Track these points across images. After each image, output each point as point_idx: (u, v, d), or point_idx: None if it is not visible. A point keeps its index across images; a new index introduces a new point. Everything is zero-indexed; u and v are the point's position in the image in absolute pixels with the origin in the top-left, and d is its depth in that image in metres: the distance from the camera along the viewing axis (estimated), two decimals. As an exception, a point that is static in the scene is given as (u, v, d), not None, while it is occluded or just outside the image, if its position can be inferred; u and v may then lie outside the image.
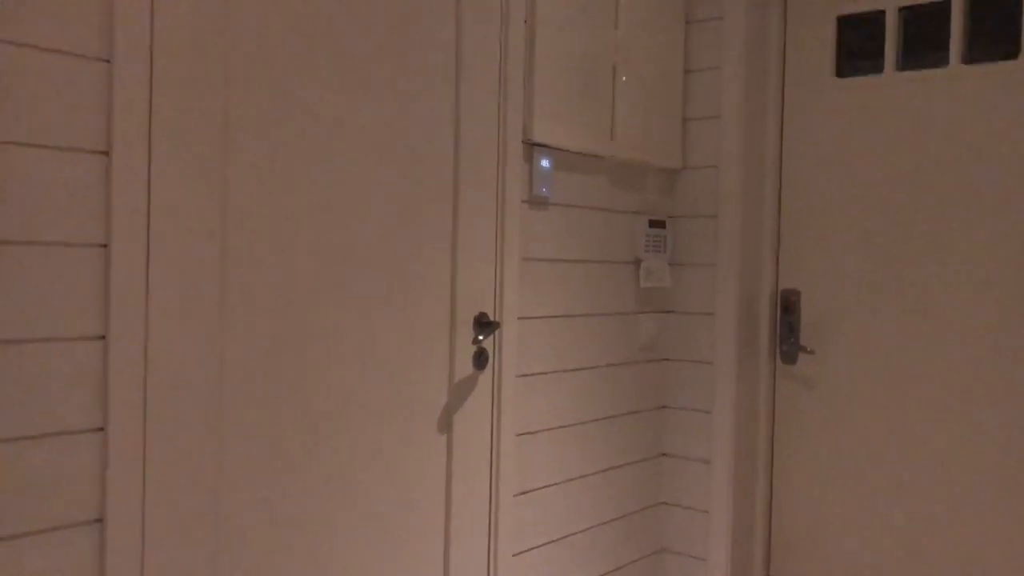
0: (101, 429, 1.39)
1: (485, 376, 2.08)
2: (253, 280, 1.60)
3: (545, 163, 2.22)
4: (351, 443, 1.78)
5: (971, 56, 2.42)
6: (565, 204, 2.32)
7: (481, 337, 2.00)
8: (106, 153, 1.39)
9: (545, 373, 2.27)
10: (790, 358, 2.67)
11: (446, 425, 1.99)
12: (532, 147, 2.20)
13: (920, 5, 2.49)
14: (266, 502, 1.63)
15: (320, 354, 1.72)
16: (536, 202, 2.22)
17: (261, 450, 1.62)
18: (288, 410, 1.67)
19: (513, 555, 2.18)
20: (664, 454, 2.73)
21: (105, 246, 1.40)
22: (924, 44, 2.50)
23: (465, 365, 2.03)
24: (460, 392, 2.02)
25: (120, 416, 1.40)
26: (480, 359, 2.05)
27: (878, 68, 2.56)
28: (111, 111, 1.39)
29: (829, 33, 2.63)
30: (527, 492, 2.22)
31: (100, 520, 1.40)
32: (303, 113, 1.67)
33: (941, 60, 2.46)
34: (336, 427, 1.75)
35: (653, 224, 2.61)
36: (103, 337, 1.40)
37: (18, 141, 1.30)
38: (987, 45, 2.40)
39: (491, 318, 2.09)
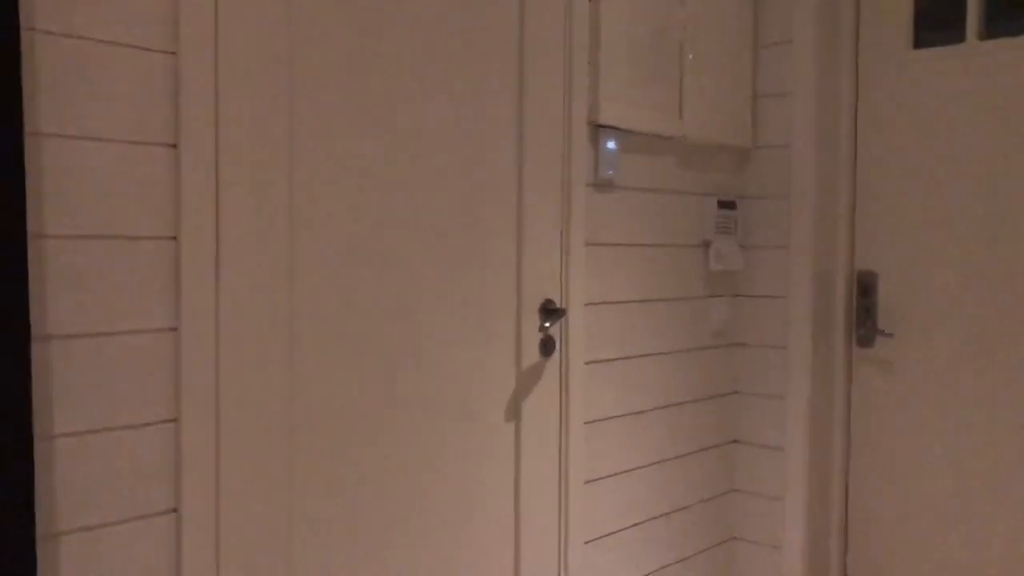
0: (175, 420, 1.41)
1: (552, 363, 2.05)
2: (322, 271, 1.60)
3: (611, 145, 2.17)
4: (420, 432, 1.77)
5: (1061, 22, 2.29)
6: (632, 187, 2.27)
7: (547, 324, 1.97)
8: (174, 146, 1.40)
9: (613, 360, 2.23)
10: (867, 341, 2.59)
11: (514, 413, 1.97)
12: (598, 129, 2.15)
13: (1005, -30, 2.37)
14: (336, 491, 1.64)
15: (388, 343, 1.71)
16: (602, 185, 2.18)
17: (331, 440, 1.62)
18: (357, 400, 1.66)
19: (584, 542, 2.16)
20: (736, 441, 2.67)
21: (174, 238, 1.40)
22: (1009, 9, 2.37)
23: (532, 352, 2.00)
24: (527, 380, 1.99)
25: (193, 407, 1.41)
26: (547, 346, 2.02)
27: (959, 37, 2.44)
28: (178, 105, 1.39)
29: (906, 1, 2.52)
30: (597, 480, 2.19)
31: (175, 510, 1.41)
32: (368, 101, 1.66)
33: (1028, 27, 2.34)
34: (405, 416, 1.75)
35: (722, 205, 2.54)
36: (175, 329, 1.40)
37: (89, 136, 1.31)
38: (1079, 9, 2.27)
39: (557, 305, 2.06)
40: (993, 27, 2.40)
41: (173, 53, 1.39)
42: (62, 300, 1.29)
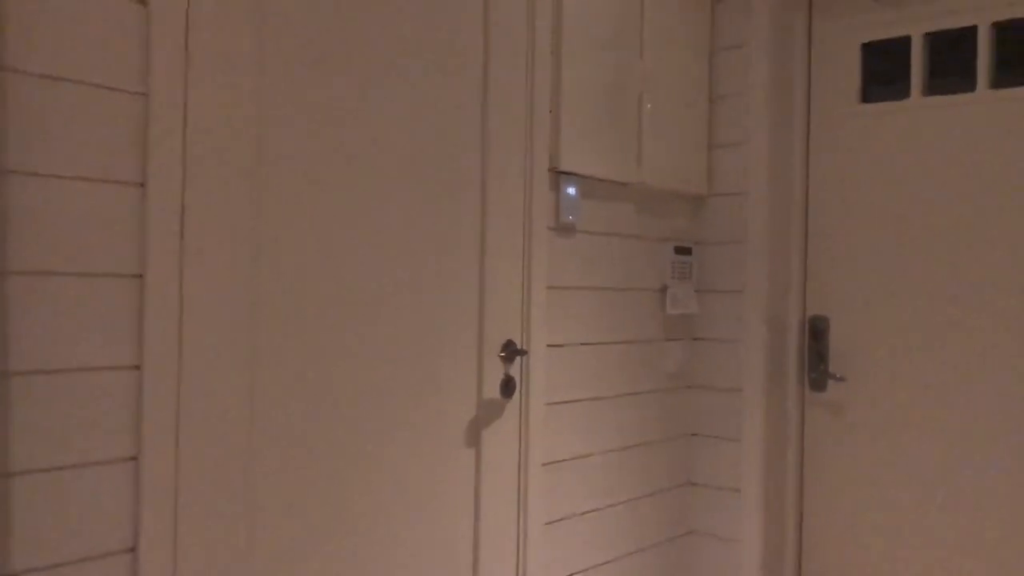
0: (134, 459, 1.40)
1: (512, 404, 2.08)
2: (286, 311, 1.61)
3: (571, 191, 2.23)
4: (380, 470, 1.78)
5: (999, 80, 2.41)
6: (591, 231, 2.32)
7: (508, 365, 2.00)
8: (142, 185, 1.41)
9: (573, 401, 2.26)
10: (819, 385, 2.65)
11: (475, 455, 1.98)
12: (559, 175, 2.20)
13: (946, 30, 2.49)
14: (298, 525, 1.63)
15: (350, 380, 1.72)
16: (563, 229, 2.23)
17: (293, 475, 1.63)
18: (319, 435, 1.67)
19: (542, 585, 2.16)
20: (692, 483, 2.70)
21: (140, 276, 1.41)
22: (951, 69, 2.50)
23: (493, 392, 2.02)
24: (488, 420, 2.01)
25: (154, 446, 1.41)
26: (507, 387, 2.04)
27: (904, 93, 2.56)
28: (147, 144, 1.41)
29: (854, 59, 2.63)
30: (555, 521, 2.21)
31: (133, 550, 1.40)
32: (335, 150, 1.69)
33: (968, 85, 2.45)
34: (365, 457, 1.75)
35: (679, 251, 2.60)
36: (138, 367, 1.41)
37: (56, 174, 1.32)
38: (1015, 69, 2.39)
39: (519, 345, 2.09)
40: (936, 84, 2.51)
41: (143, 94, 1.41)
42: (25, 336, 1.29)
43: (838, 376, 2.62)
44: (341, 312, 1.71)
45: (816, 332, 2.66)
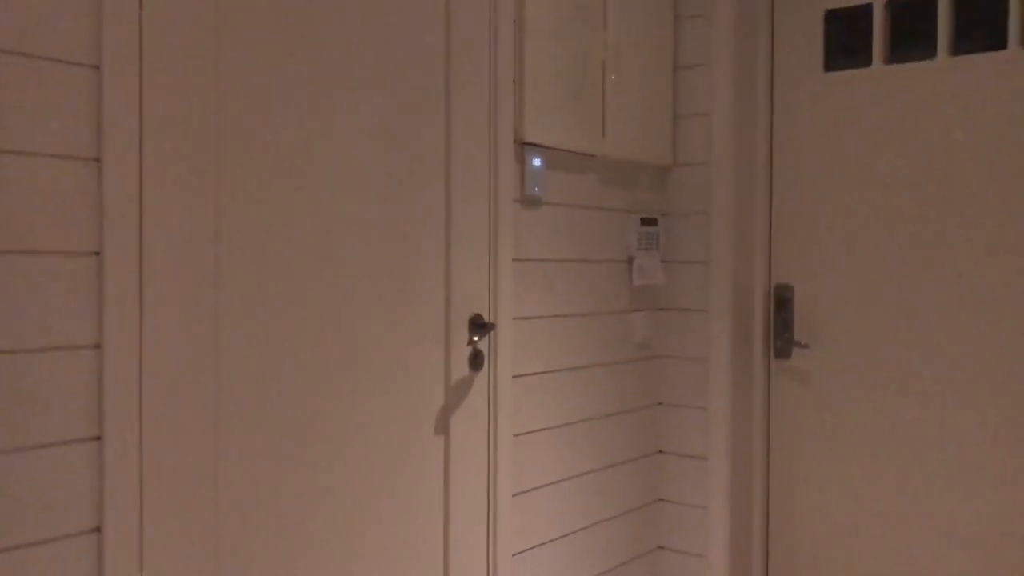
0: (98, 438, 1.39)
1: (481, 377, 2.08)
2: (247, 286, 1.60)
3: (537, 162, 2.22)
4: (348, 448, 1.78)
5: (958, 48, 2.43)
6: (557, 203, 2.32)
7: (476, 338, 2.00)
8: (98, 160, 1.39)
9: (541, 373, 2.27)
10: (784, 353, 2.68)
11: (443, 427, 1.98)
12: (523, 147, 2.19)
13: (906, -2, 2.51)
14: (264, 509, 1.63)
15: (316, 358, 1.71)
16: (528, 202, 2.22)
17: (258, 457, 1.62)
18: (285, 415, 1.66)
19: (513, 555, 2.18)
20: (661, 451, 2.73)
21: (98, 254, 1.39)
22: (911, 37, 2.51)
23: (461, 367, 2.02)
24: (456, 394, 2.02)
25: (116, 425, 1.40)
26: (476, 361, 2.05)
27: (866, 61, 2.57)
28: (101, 119, 1.38)
29: (817, 28, 2.64)
30: (525, 492, 2.22)
31: (98, 529, 1.39)
32: (295, 117, 1.67)
33: (928, 52, 2.47)
34: (333, 432, 1.75)
35: (645, 222, 2.61)
36: (98, 346, 1.39)
37: (9, 150, 1.29)
38: (974, 36, 2.41)
39: (486, 319, 2.09)
40: (897, 52, 2.53)
41: (96, 67, 1.38)
42: (-20, 316, 1.26)
43: (803, 343, 2.65)
44: (305, 288, 1.69)
45: (781, 300, 2.69)
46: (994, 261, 2.37)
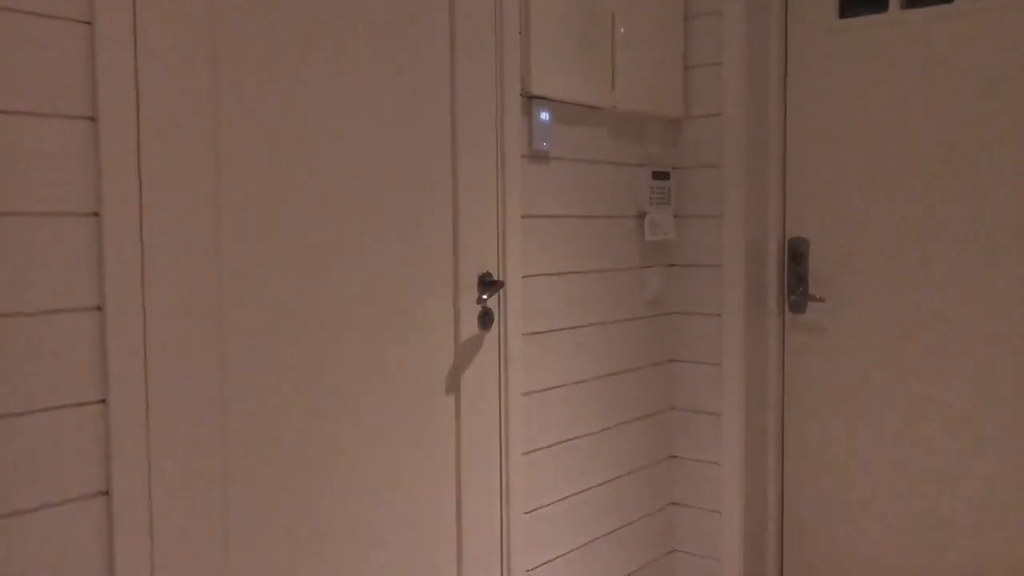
0: (103, 401, 1.37)
1: (491, 336, 2.05)
2: (251, 244, 1.57)
3: (544, 116, 2.17)
4: (358, 406, 1.76)
5: (979, -9, 2.35)
6: (566, 158, 2.27)
7: (485, 297, 1.97)
8: (93, 119, 1.35)
9: (551, 331, 2.24)
10: (799, 307, 2.64)
11: (454, 386, 1.96)
12: (531, 100, 2.15)
13: (925, -60, 2.42)
14: (273, 469, 1.62)
15: (323, 318, 1.69)
16: (536, 157, 2.18)
17: (266, 417, 1.60)
18: (292, 375, 1.64)
19: (525, 512, 2.17)
20: (674, 408, 2.71)
21: (97, 215, 1.36)
22: (930, -20, 2.43)
23: (470, 325, 2.00)
24: (466, 352, 1.99)
25: (121, 387, 1.38)
26: (485, 319, 2.02)
27: (882, 6, 2.49)
28: (95, 75, 1.35)
29: (832, -28, 2.56)
30: (536, 450, 2.21)
31: (107, 493, 1.38)
32: (296, 68, 1.62)
33: (948, -4, 2.39)
34: (343, 390, 1.73)
35: (657, 176, 2.56)
36: (100, 308, 1.37)
37: (4, 109, 1.26)
38: (995, -21, 2.33)
39: (495, 277, 2.06)
40: (915, -4, 2.46)
41: (88, 23, 1.34)
42: (-22, 280, 1.25)
43: (818, 297, 2.61)
44: (310, 248, 1.67)
45: (796, 254, 2.64)
46: (1016, 213, 2.31)
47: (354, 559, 1.76)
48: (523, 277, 2.15)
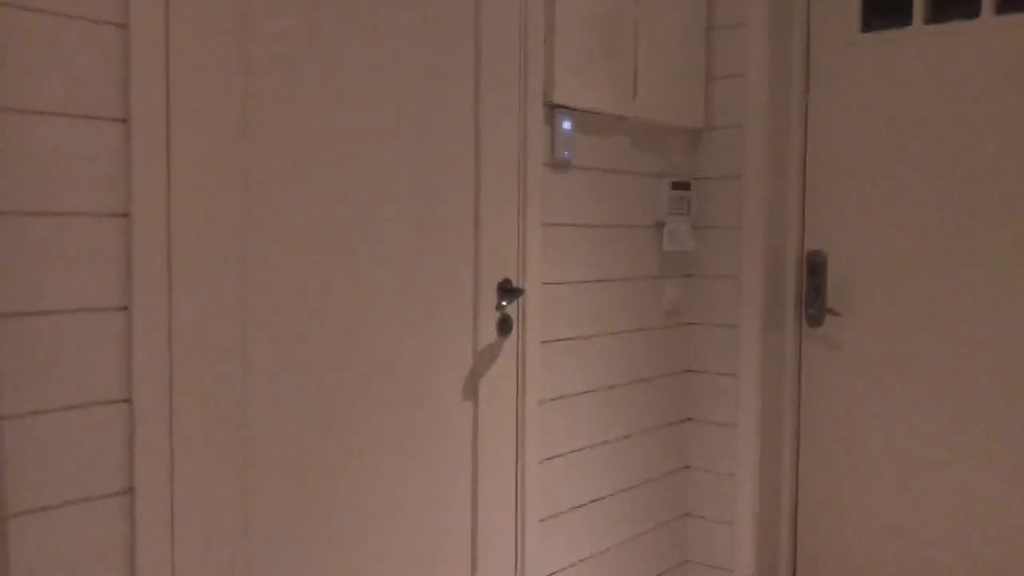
0: (128, 400, 1.39)
1: (509, 342, 2.06)
2: (276, 249, 1.58)
3: (566, 125, 2.18)
4: (377, 410, 1.77)
5: (1004, 6, 2.35)
6: (587, 167, 2.28)
7: (505, 303, 1.98)
8: (124, 121, 1.37)
9: (569, 339, 2.25)
10: (816, 320, 2.64)
11: (471, 391, 1.97)
12: (553, 109, 2.15)
13: (950, -45, 2.42)
14: (292, 470, 1.63)
15: (343, 322, 1.70)
16: (558, 165, 2.19)
17: (287, 421, 1.61)
18: (312, 378, 1.65)
19: (540, 520, 2.17)
20: (690, 419, 2.71)
21: (126, 215, 1.38)
22: (954, -5, 2.43)
23: (489, 332, 2.01)
24: (485, 359, 2.00)
25: (146, 387, 1.39)
26: (504, 325, 2.03)
27: (905, 21, 2.49)
28: (129, 77, 1.36)
29: (855, -14, 2.56)
30: (553, 458, 2.21)
31: (130, 491, 1.39)
32: (322, 77, 1.64)
33: (972, 11, 2.39)
34: (361, 395, 1.74)
35: (676, 186, 2.57)
36: (126, 308, 1.38)
37: (37, 110, 1.27)
38: (1020, -5, 2.33)
39: (514, 284, 2.07)
40: (939, 11, 2.45)
41: (123, 25, 1.36)
42: (9, 278, 1.26)
43: (836, 311, 2.61)
44: (331, 254, 1.68)
45: (814, 267, 2.64)
46: (1036, 227, 2.31)
47: (369, 561, 1.77)
48: (543, 284, 2.16)
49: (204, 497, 1.48)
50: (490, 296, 2.00)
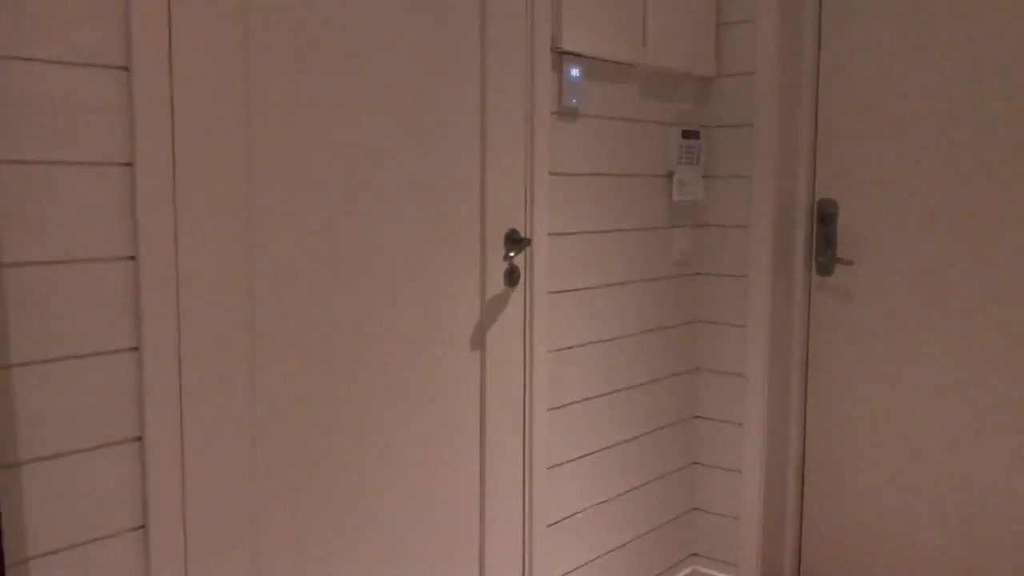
0: (136, 348, 1.39)
1: (517, 293, 2.06)
2: (281, 199, 1.58)
3: (575, 72, 2.15)
4: (385, 361, 1.78)
5: (1023, -52, 2.29)
6: (596, 115, 2.25)
7: (512, 254, 1.97)
8: (126, 69, 1.36)
9: (577, 290, 2.24)
10: (826, 270, 2.62)
11: (479, 342, 1.98)
12: (561, 56, 2.12)
13: None
14: (301, 416, 1.64)
15: (350, 271, 1.70)
16: (566, 113, 2.16)
17: (295, 366, 1.62)
18: (319, 327, 1.66)
19: (547, 468, 2.19)
20: (698, 368, 2.71)
21: (130, 165, 1.37)
22: (973, -64, 2.37)
23: (497, 282, 2.01)
24: (492, 309, 2.00)
25: (154, 335, 1.40)
26: (511, 276, 2.02)
27: (923, -36, 2.44)
28: (129, 24, 1.35)
29: (871, -72, 2.50)
30: (561, 407, 2.22)
31: (140, 438, 1.41)
32: (325, 20, 1.62)
33: (991, -47, 2.33)
34: (371, 345, 1.75)
35: (686, 135, 2.54)
36: (133, 257, 1.38)
37: (38, 58, 1.26)
38: (1041, -65, 2.27)
39: (522, 234, 2.06)
40: (956, -47, 2.39)
41: (122, -29, 1.34)
42: (13, 227, 1.26)
43: (846, 260, 2.59)
44: (338, 202, 1.67)
45: (824, 216, 2.62)
46: (1051, 175, 2.28)
47: (379, 508, 1.79)
48: (550, 235, 2.15)
49: (213, 445, 1.50)
50: (497, 247, 2.00)
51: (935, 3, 2.41)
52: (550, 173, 2.13)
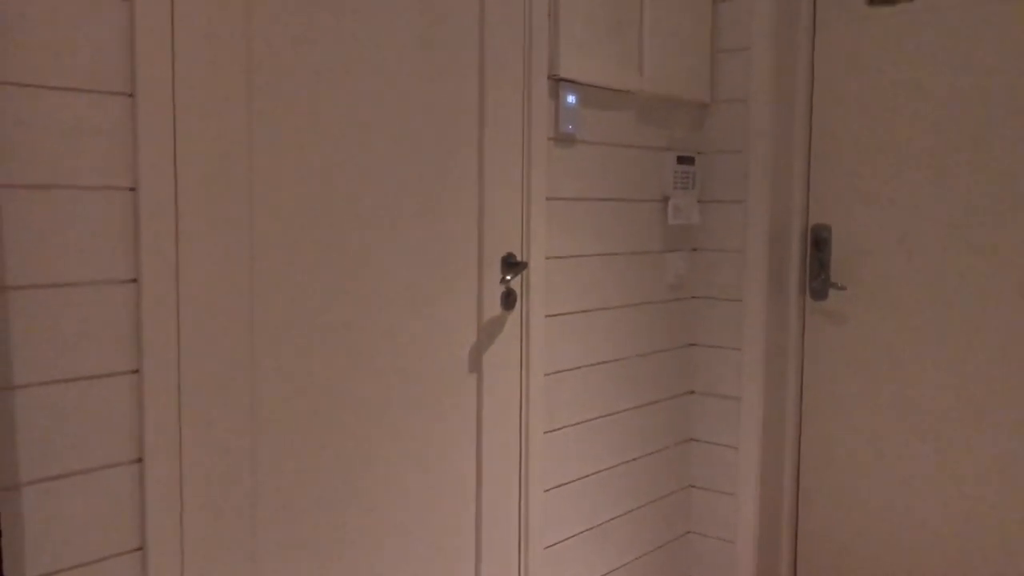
0: (136, 371, 1.41)
1: (513, 316, 2.08)
2: (282, 225, 1.60)
3: (571, 99, 2.18)
4: (382, 384, 1.79)
5: (1012, -21, 2.33)
6: (592, 141, 2.28)
7: (509, 277, 1.99)
8: (131, 95, 1.38)
9: (573, 313, 2.26)
10: (820, 294, 2.65)
11: (476, 365, 1.99)
12: (558, 83, 2.16)
13: (959, -74, 2.40)
14: (300, 441, 1.65)
15: (349, 295, 1.72)
16: (562, 139, 2.19)
17: (293, 390, 1.64)
18: (318, 349, 1.67)
19: (544, 491, 2.20)
20: (693, 392, 2.73)
21: (133, 190, 1.39)
22: (962, -32, 2.41)
23: (493, 305, 2.02)
24: (488, 332, 2.02)
25: (154, 358, 1.42)
26: (508, 299, 2.04)
27: (914, -6, 2.48)
28: (134, 51, 1.37)
29: (863, -42, 2.54)
30: (556, 430, 2.23)
31: (140, 460, 1.42)
32: (326, 48, 1.64)
33: (980, -16, 2.37)
34: (366, 365, 1.76)
35: (681, 160, 2.57)
36: (135, 280, 1.40)
37: (44, 84, 1.29)
38: (1029, -33, 2.31)
39: (518, 258, 2.08)
40: (946, -16, 2.44)
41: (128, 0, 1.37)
42: (18, 251, 1.28)
43: (839, 285, 2.62)
44: (338, 226, 1.69)
45: (818, 241, 2.65)
46: (1041, 201, 2.30)
47: (375, 525, 1.80)
48: (546, 258, 2.17)
49: (212, 462, 1.51)
50: (494, 270, 2.02)
51: (928, 31, 2.45)
52: (547, 198, 2.16)
